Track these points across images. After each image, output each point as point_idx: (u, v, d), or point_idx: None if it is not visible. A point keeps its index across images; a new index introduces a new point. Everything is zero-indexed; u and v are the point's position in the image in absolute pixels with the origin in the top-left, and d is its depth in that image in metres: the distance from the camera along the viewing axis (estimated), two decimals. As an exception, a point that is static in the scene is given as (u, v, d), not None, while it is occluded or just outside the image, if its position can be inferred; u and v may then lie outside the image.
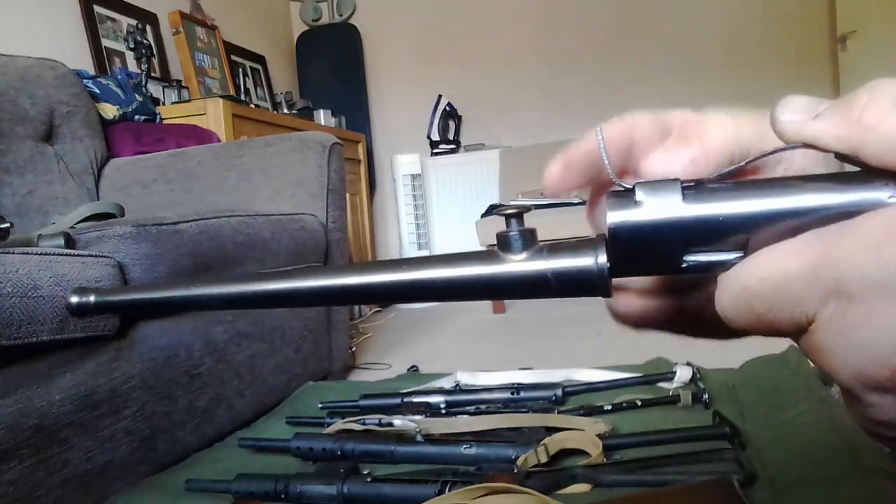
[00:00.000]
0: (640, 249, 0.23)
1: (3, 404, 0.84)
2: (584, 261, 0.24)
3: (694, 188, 0.22)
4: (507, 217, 0.26)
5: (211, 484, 0.96)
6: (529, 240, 0.25)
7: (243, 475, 0.94)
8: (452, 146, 3.79)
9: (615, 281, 0.25)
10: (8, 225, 1.10)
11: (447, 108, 3.75)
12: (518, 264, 0.25)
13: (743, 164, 0.24)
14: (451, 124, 3.83)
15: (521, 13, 3.77)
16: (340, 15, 3.94)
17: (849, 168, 0.22)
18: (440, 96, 3.73)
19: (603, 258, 0.24)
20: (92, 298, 0.30)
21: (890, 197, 0.20)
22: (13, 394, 0.86)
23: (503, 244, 0.26)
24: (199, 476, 1.01)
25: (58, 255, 0.94)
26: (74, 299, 0.30)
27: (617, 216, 0.23)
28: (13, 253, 0.89)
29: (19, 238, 1.07)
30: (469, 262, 0.26)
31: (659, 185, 0.22)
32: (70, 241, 1.04)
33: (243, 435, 1.23)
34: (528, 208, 0.26)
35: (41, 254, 0.92)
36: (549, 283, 0.25)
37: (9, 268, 0.85)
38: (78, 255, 0.98)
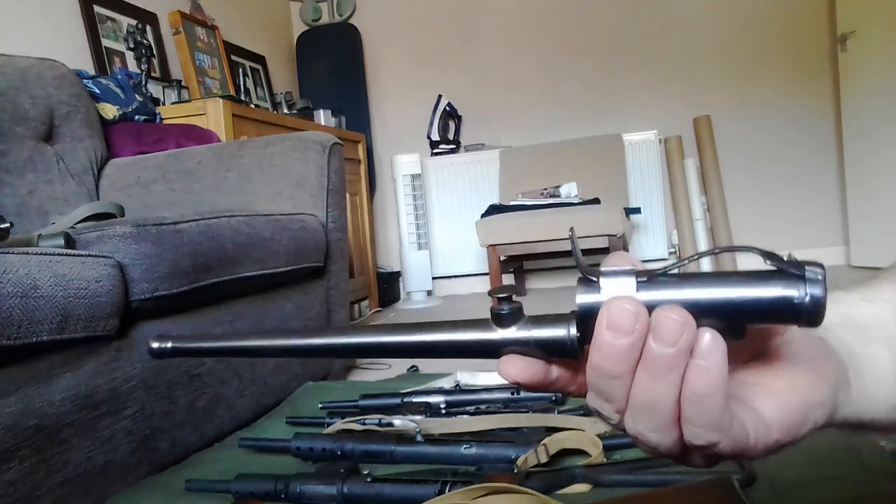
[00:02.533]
0: None
1: (3, 404, 0.84)
2: (559, 332, 0.30)
3: (647, 280, 0.28)
4: (500, 299, 0.31)
5: (211, 484, 0.96)
6: (517, 315, 0.31)
7: (243, 475, 0.94)
8: (452, 146, 3.79)
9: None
10: (8, 225, 1.10)
11: (447, 108, 3.75)
12: (508, 334, 0.31)
13: (685, 261, 0.31)
14: (451, 124, 3.83)
15: (521, 13, 3.77)
16: (340, 15, 3.94)
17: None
18: (440, 96, 3.73)
19: (574, 330, 0.30)
20: (170, 344, 0.36)
21: (795, 299, 0.26)
22: (13, 394, 0.86)
23: (496, 319, 0.31)
24: (199, 476, 1.01)
25: (58, 255, 0.94)
26: (156, 345, 0.36)
27: (584, 298, 0.29)
28: (13, 253, 0.89)
29: (19, 238, 1.07)
30: (469, 330, 0.32)
31: (618, 275, 0.28)
32: (70, 241, 1.04)
33: (243, 435, 1.23)
34: (516, 290, 0.32)
35: (41, 254, 0.92)
36: (532, 347, 0.31)
37: (9, 268, 0.85)
38: (78, 255, 0.98)
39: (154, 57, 2.56)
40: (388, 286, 3.56)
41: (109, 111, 1.98)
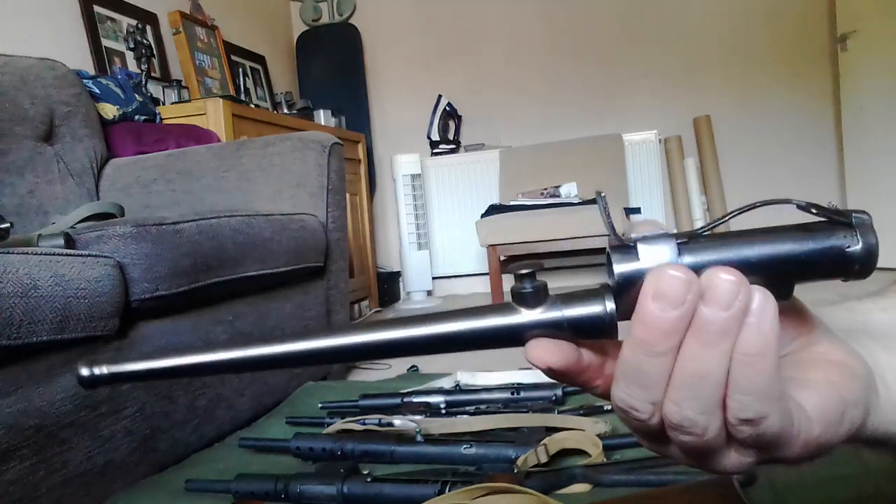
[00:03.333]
0: None
1: (3, 404, 0.84)
2: (594, 309, 0.27)
3: (687, 242, 0.26)
4: (521, 276, 0.27)
5: (211, 484, 0.96)
6: (543, 294, 0.27)
7: (243, 475, 0.94)
8: (452, 146, 3.79)
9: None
10: (8, 225, 1.10)
11: (447, 108, 3.75)
12: (534, 315, 0.27)
13: (723, 219, 0.28)
14: (451, 124, 3.83)
15: (521, 13, 3.77)
16: (340, 15, 3.94)
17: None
18: (440, 96, 3.73)
19: (612, 305, 0.27)
20: (105, 370, 0.30)
21: (848, 247, 0.25)
22: (13, 394, 0.86)
23: (519, 299, 0.28)
24: (199, 476, 1.01)
25: (58, 255, 0.94)
26: (85, 371, 0.29)
27: (623, 268, 0.26)
28: (13, 253, 0.89)
29: (19, 238, 1.07)
30: (489, 315, 0.28)
31: (656, 240, 0.26)
32: (70, 241, 1.04)
33: (243, 435, 1.23)
34: (541, 266, 0.28)
35: (41, 254, 0.92)
36: (564, 329, 0.27)
37: (9, 268, 0.85)
38: (78, 255, 0.98)
39: (154, 57, 2.56)
40: (388, 286, 3.56)
41: (109, 111, 1.98)
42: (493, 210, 3.06)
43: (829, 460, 0.87)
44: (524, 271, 0.27)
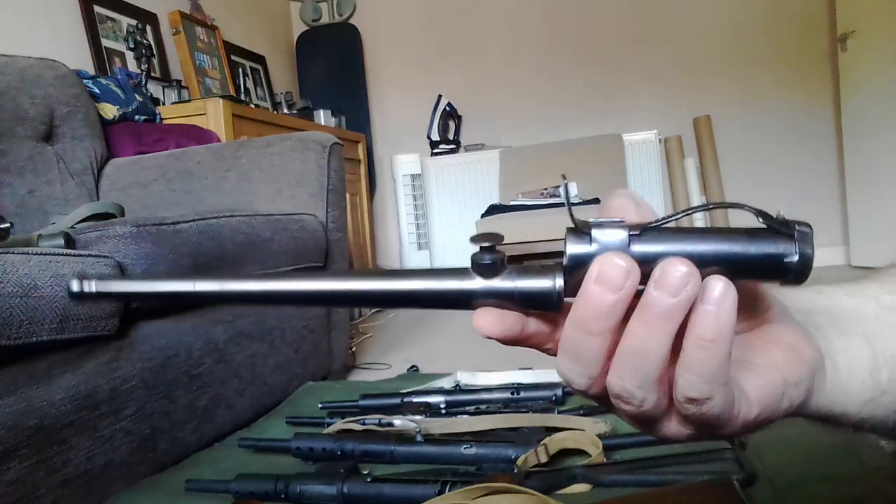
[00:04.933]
0: None
1: (3, 404, 0.84)
2: (544, 284, 0.29)
3: (639, 234, 0.28)
4: (482, 248, 0.29)
5: (211, 484, 0.96)
6: (500, 266, 0.29)
7: (243, 475, 0.94)
8: (452, 146, 3.79)
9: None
10: (8, 225, 1.10)
11: (447, 108, 3.75)
12: (488, 284, 0.29)
13: (678, 214, 0.30)
14: (451, 124, 3.83)
15: (521, 14, 3.77)
16: (340, 15, 3.94)
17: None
18: (440, 96, 3.73)
19: (560, 282, 0.29)
20: (94, 286, 0.31)
21: (785, 257, 0.27)
22: (13, 394, 0.86)
23: (477, 268, 0.29)
24: (199, 476, 1.01)
25: (58, 255, 0.94)
26: (75, 285, 0.31)
27: (574, 249, 0.28)
28: (13, 253, 0.89)
29: (19, 238, 1.07)
30: (446, 278, 0.30)
31: (610, 226, 0.28)
32: (70, 241, 1.04)
33: (243, 435, 1.22)
34: (502, 239, 0.30)
35: (41, 254, 0.92)
36: (514, 299, 0.29)
37: (9, 268, 0.85)
38: (78, 255, 0.98)
39: (154, 57, 2.56)
40: (388, 286, 3.56)
41: (109, 111, 1.98)
42: (493, 210, 3.06)
43: (829, 460, 0.87)
44: (485, 244, 0.29)
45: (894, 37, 2.94)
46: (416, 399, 1.26)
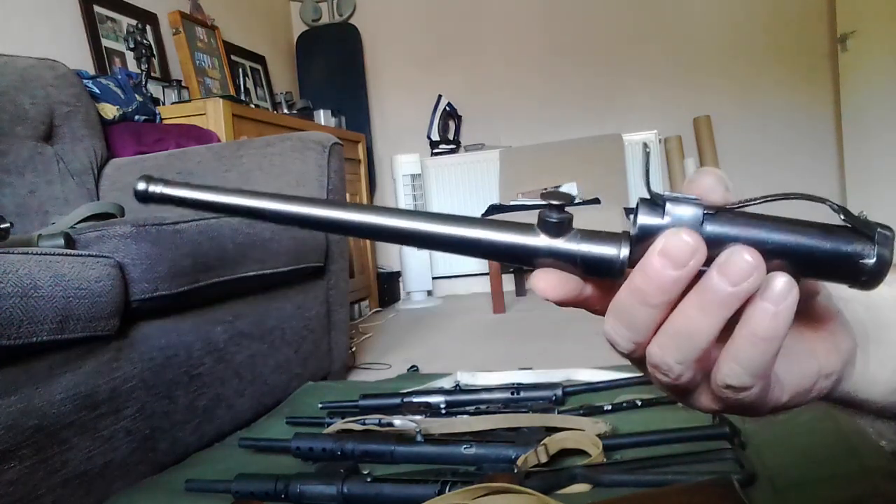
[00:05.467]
0: None
1: (3, 404, 0.84)
2: (609, 251, 0.28)
3: (714, 213, 0.27)
4: (551, 206, 0.29)
5: (211, 484, 0.96)
6: (567, 226, 0.29)
7: (243, 475, 0.94)
8: (452, 146, 3.79)
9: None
10: (8, 225, 1.10)
11: (447, 108, 3.75)
12: (553, 244, 0.29)
13: (756, 200, 0.28)
14: (451, 124, 3.83)
15: (521, 13, 3.77)
16: (340, 15, 3.94)
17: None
18: (440, 96, 3.73)
19: (626, 251, 0.28)
20: (159, 189, 0.32)
21: (862, 258, 0.26)
22: (13, 394, 0.86)
23: (543, 226, 0.29)
24: (199, 476, 1.01)
25: (58, 255, 0.94)
26: (142, 184, 0.32)
27: (645, 220, 0.27)
28: (13, 253, 0.89)
29: (19, 238, 1.07)
30: (512, 232, 0.29)
31: (685, 203, 0.27)
32: (70, 241, 1.04)
33: (243, 435, 1.23)
34: (572, 199, 0.29)
35: (41, 254, 0.92)
36: (576, 262, 0.29)
37: (9, 268, 0.85)
38: (78, 255, 0.98)
39: (154, 57, 2.56)
40: (388, 286, 3.56)
41: (109, 111, 1.98)
42: (493, 210, 3.06)
43: (830, 460, 0.87)
44: (555, 202, 0.29)
45: (894, 37, 2.94)
46: (416, 399, 1.26)
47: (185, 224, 1.20)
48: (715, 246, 0.26)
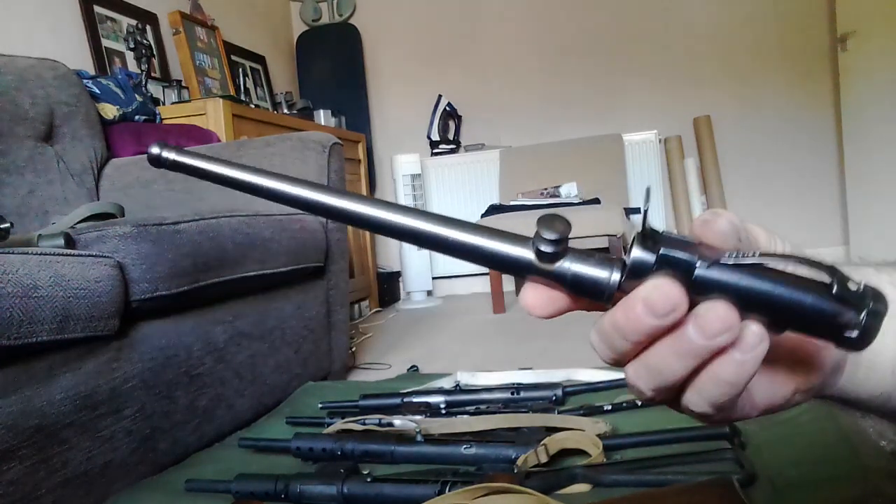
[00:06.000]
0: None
1: (3, 404, 0.84)
2: (601, 275, 0.29)
3: (708, 266, 0.27)
4: (548, 240, 0.29)
5: (211, 484, 0.96)
6: (561, 255, 0.29)
7: (243, 475, 0.94)
8: (452, 146, 3.79)
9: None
10: (8, 225, 1.10)
11: (447, 108, 3.75)
12: (546, 266, 0.29)
13: (757, 255, 0.28)
14: (451, 124, 3.83)
15: (521, 14, 3.77)
16: (340, 15, 3.94)
17: None
18: (440, 96, 3.73)
19: (616, 278, 0.28)
20: (172, 156, 0.34)
21: (847, 331, 0.26)
22: (13, 394, 0.86)
23: (537, 252, 0.29)
24: (199, 476, 1.01)
25: (58, 255, 0.94)
26: (155, 150, 0.34)
27: (638, 254, 0.28)
28: (13, 253, 0.89)
29: (19, 238, 1.07)
30: (507, 242, 0.30)
31: (681, 246, 0.27)
32: (70, 241, 1.04)
33: (243, 435, 1.22)
34: (568, 230, 0.29)
35: (41, 254, 0.92)
36: (566, 283, 0.29)
37: (9, 268, 0.85)
38: (78, 255, 0.98)
39: (154, 57, 2.56)
40: (388, 286, 3.56)
41: (109, 111, 1.98)
42: (493, 210, 3.06)
43: (830, 460, 0.87)
44: (551, 237, 0.29)
45: (894, 37, 2.94)
46: (416, 399, 1.26)
47: (185, 224, 1.20)
48: (701, 291, 0.27)
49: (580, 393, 1.27)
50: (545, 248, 0.29)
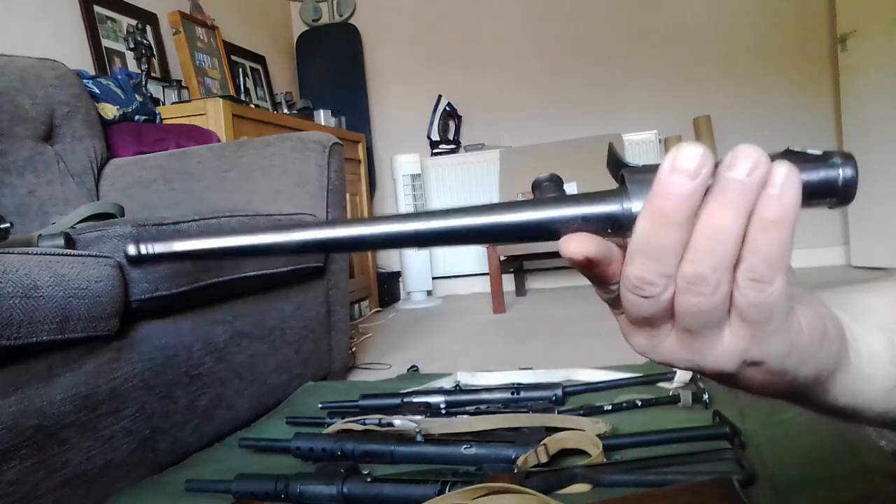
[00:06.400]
0: None
1: (3, 404, 0.84)
2: (614, 206, 0.29)
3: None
4: (546, 183, 0.31)
5: (211, 484, 0.96)
6: (569, 197, 0.30)
7: (243, 475, 0.94)
8: (452, 146, 3.79)
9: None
10: (8, 225, 1.10)
11: (447, 108, 3.75)
12: (580, 209, 0.29)
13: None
14: (451, 124, 3.83)
15: (521, 14, 3.77)
16: (340, 15, 3.94)
17: None
18: (440, 96, 3.73)
19: (630, 204, 0.29)
20: (154, 249, 0.31)
21: (837, 176, 0.28)
22: (13, 394, 0.86)
23: (551, 198, 0.30)
24: (199, 476, 1.01)
25: (58, 255, 0.94)
26: (132, 249, 0.30)
27: (633, 175, 0.29)
28: (13, 253, 0.89)
29: (19, 238, 1.07)
30: (529, 209, 0.30)
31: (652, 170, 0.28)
32: (70, 241, 1.04)
33: (243, 435, 1.23)
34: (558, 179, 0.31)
35: (41, 254, 0.92)
36: (600, 222, 0.29)
37: (9, 268, 0.85)
38: (78, 255, 0.98)
39: (154, 57, 2.56)
40: (388, 286, 3.56)
41: (109, 111, 1.98)
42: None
43: (830, 460, 0.87)
44: (546, 182, 0.31)
45: (894, 37, 2.94)
46: (416, 399, 1.26)
47: (185, 224, 1.20)
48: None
49: (580, 393, 1.28)
50: (553, 192, 0.30)
